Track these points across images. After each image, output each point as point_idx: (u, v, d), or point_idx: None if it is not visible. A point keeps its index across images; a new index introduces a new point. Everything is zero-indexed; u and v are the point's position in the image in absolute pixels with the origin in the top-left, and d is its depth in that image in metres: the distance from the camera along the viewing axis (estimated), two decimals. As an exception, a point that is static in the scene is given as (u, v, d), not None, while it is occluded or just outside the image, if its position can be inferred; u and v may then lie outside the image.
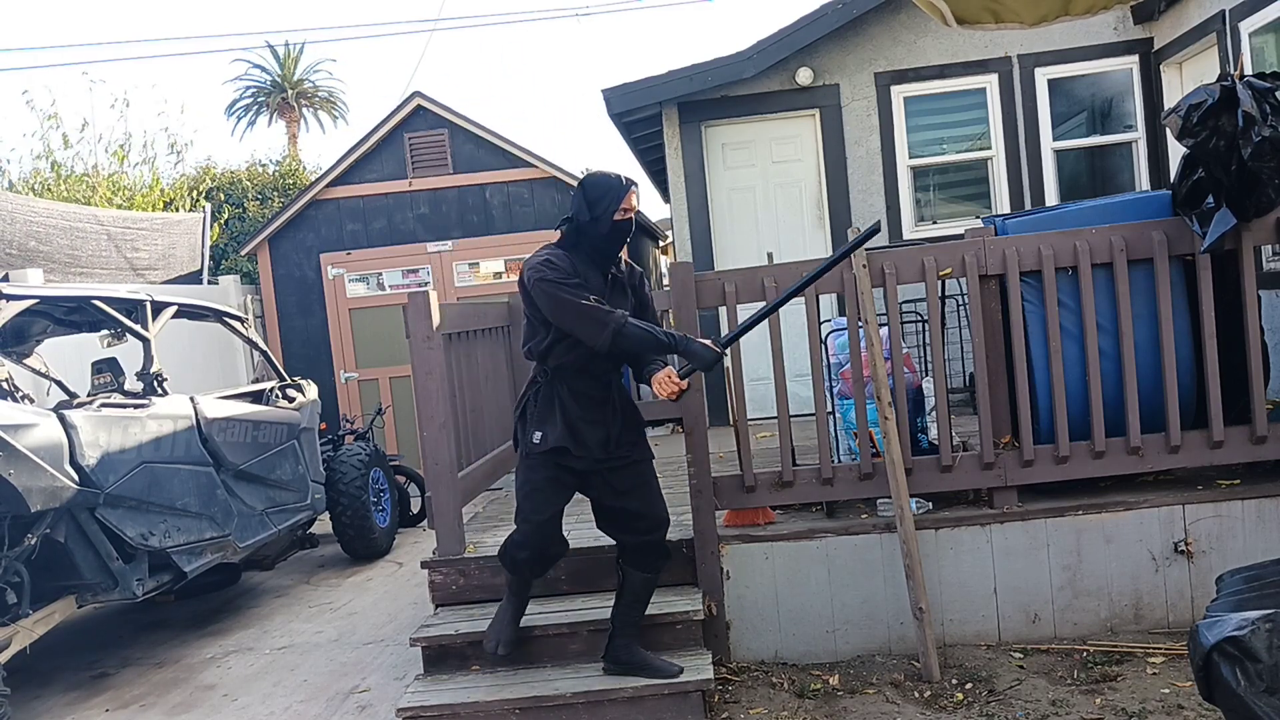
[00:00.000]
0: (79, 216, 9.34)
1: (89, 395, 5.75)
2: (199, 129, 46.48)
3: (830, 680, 4.24)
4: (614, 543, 4.58)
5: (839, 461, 4.73)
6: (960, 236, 4.67)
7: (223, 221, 14.10)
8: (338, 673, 5.22)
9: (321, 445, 7.50)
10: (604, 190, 3.74)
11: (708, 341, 3.70)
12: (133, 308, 5.99)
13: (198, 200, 14.21)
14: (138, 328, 5.93)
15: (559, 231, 3.89)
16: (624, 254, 3.98)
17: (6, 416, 4.62)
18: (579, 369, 3.81)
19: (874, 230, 3.89)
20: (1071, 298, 4.39)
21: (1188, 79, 7.42)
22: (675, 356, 3.80)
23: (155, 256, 10.18)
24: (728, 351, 3.81)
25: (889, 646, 4.48)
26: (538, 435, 3.81)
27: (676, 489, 5.57)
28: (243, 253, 11.20)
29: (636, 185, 3.79)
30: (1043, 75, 7.91)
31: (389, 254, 10.31)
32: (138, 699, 5.15)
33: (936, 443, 4.57)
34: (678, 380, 3.69)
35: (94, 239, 9.34)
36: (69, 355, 7.00)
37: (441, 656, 4.34)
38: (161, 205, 13.76)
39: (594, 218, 3.72)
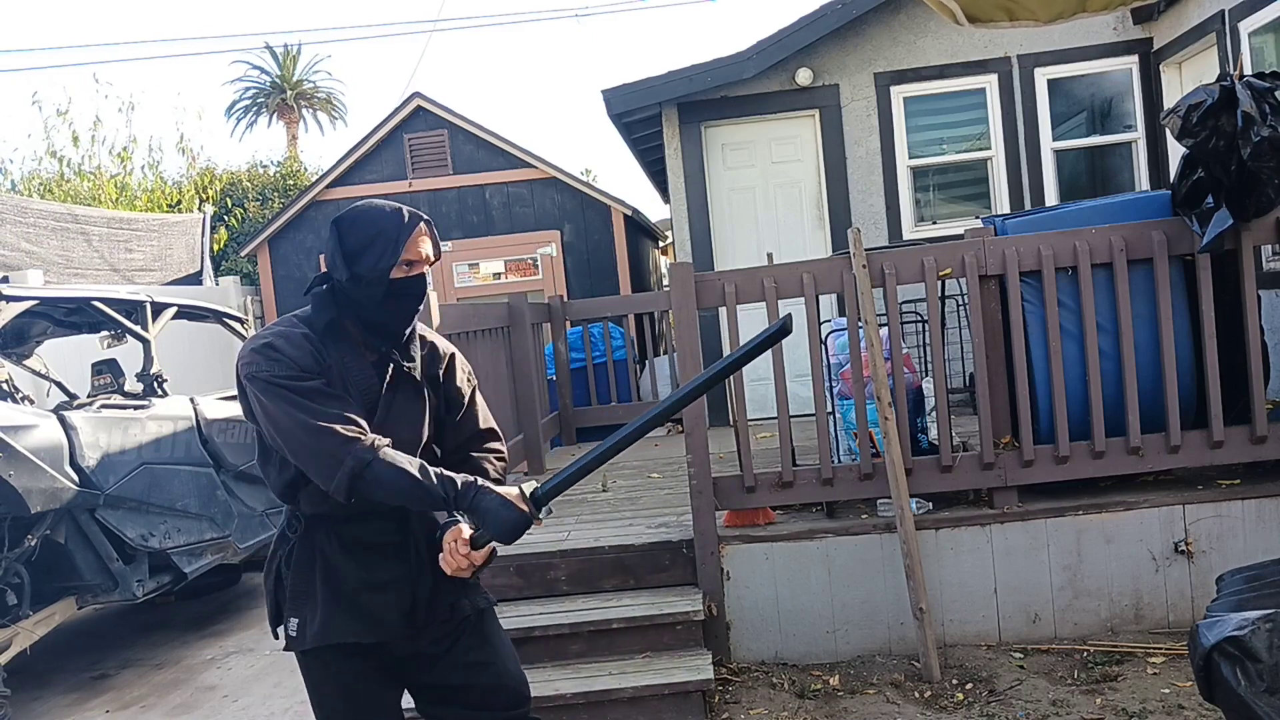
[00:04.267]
0: (71, 218, 9.34)
1: (89, 396, 5.75)
2: (202, 132, 46.67)
3: (830, 680, 4.24)
4: (614, 542, 4.62)
5: (839, 462, 4.72)
6: (960, 236, 4.66)
7: (235, 222, 14.10)
8: (338, 673, 5.21)
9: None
10: (373, 234, 2.30)
11: (514, 495, 2.26)
12: (132, 309, 5.99)
13: (205, 201, 14.25)
14: (138, 329, 5.93)
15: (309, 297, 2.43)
16: (434, 329, 2.75)
17: (7, 418, 4.63)
18: (352, 513, 2.38)
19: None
20: (1071, 298, 4.39)
21: (1187, 79, 7.42)
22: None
23: (150, 258, 10.20)
24: (542, 514, 2.30)
25: (889, 647, 4.48)
26: (294, 624, 2.39)
27: (676, 489, 5.58)
28: (243, 254, 11.22)
29: (428, 222, 2.38)
30: (1042, 75, 7.92)
31: (389, 255, 10.29)
32: (138, 700, 5.15)
33: (936, 443, 4.57)
34: (466, 552, 2.27)
35: (85, 240, 9.34)
36: (69, 356, 7.01)
37: (442, 657, 4.33)
38: (166, 207, 13.79)
39: (356, 275, 2.30)
